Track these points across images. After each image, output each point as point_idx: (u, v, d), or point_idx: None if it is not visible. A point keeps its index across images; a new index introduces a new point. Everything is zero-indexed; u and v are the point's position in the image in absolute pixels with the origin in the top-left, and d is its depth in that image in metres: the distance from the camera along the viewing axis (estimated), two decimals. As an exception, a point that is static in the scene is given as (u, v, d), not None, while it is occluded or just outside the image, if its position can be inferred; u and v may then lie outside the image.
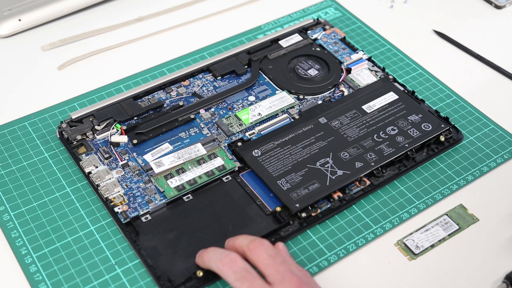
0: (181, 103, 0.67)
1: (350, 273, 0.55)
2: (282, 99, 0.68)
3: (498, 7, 0.83)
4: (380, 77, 0.70)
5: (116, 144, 0.63)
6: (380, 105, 0.67)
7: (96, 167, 0.61)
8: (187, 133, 0.64)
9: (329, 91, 0.69)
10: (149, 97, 0.68)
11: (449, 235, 0.58)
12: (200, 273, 0.53)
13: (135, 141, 0.63)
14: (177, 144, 0.63)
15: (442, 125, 0.64)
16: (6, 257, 0.55)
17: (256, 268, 0.50)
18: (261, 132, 0.65)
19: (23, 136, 0.65)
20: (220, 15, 0.82)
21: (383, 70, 0.71)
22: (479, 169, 0.63)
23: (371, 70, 0.71)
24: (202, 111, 0.66)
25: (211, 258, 0.51)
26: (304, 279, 0.49)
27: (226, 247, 0.53)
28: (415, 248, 0.57)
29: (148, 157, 0.62)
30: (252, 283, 0.48)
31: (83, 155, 0.62)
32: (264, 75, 0.71)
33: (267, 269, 0.49)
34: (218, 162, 0.61)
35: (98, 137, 0.64)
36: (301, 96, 0.68)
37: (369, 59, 0.72)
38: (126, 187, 0.59)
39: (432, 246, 0.57)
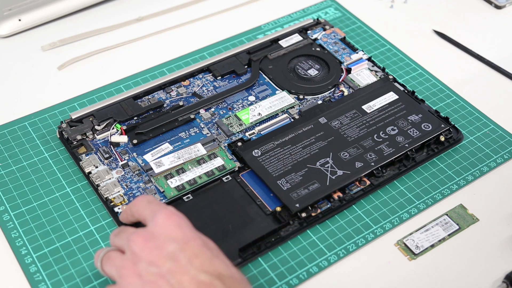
0: (181, 103, 0.67)
1: (350, 273, 0.55)
2: (282, 99, 0.68)
3: (498, 7, 0.83)
4: (380, 77, 0.70)
5: (116, 144, 0.63)
6: (380, 105, 0.67)
7: (96, 167, 0.61)
8: (187, 133, 0.64)
9: (329, 91, 0.69)
10: (149, 97, 0.68)
11: (449, 235, 0.58)
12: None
13: (135, 141, 0.63)
14: (177, 144, 0.63)
15: (442, 125, 0.64)
16: (6, 257, 0.55)
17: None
18: (261, 132, 0.65)
19: (23, 136, 0.65)
20: (220, 15, 0.82)
21: (383, 70, 0.71)
22: (479, 169, 0.63)
23: (371, 70, 0.71)
24: (202, 111, 0.66)
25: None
26: (179, 214, 0.49)
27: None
28: (415, 248, 0.57)
29: (148, 157, 0.62)
30: (124, 231, 0.49)
31: (83, 155, 0.62)
32: (264, 75, 0.71)
33: (140, 210, 0.50)
34: (218, 162, 0.61)
35: (98, 137, 0.64)
36: (301, 96, 0.68)
37: (369, 59, 0.72)
38: (126, 187, 0.59)
39: (432, 246, 0.57)
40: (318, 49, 0.74)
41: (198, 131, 0.65)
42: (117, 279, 0.48)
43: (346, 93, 0.69)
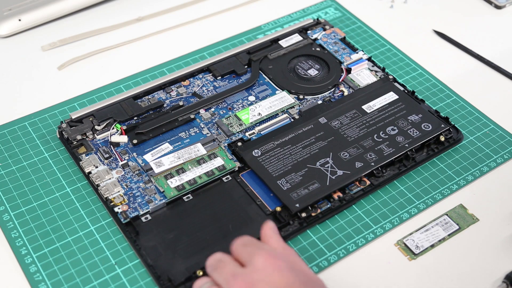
0: (181, 103, 0.67)
1: (350, 273, 0.55)
2: (282, 99, 0.68)
3: (498, 7, 0.83)
4: (380, 77, 0.70)
5: (116, 144, 0.63)
6: (380, 105, 0.67)
7: (96, 167, 0.61)
8: (187, 133, 0.64)
9: (329, 91, 0.69)
10: (149, 97, 0.68)
11: (449, 235, 0.58)
12: (200, 273, 0.53)
13: (135, 141, 0.63)
14: (177, 144, 0.63)
15: (442, 125, 0.64)
16: (6, 257, 0.55)
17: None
18: (261, 132, 0.65)
19: (23, 136, 0.65)
20: (220, 15, 0.82)
21: (383, 70, 0.71)
22: (479, 169, 0.63)
23: (371, 70, 0.71)
24: (202, 111, 0.66)
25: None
26: (277, 254, 0.48)
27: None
28: (415, 248, 0.57)
29: (148, 157, 0.62)
30: (223, 268, 0.48)
31: (83, 155, 0.62)
32: (264, 75, 0.71)
33: (238, 254, 0.49)
34: (218, 162, 0.61)
35: (98, 137, 0.64)
36: (301, 96, 0.68)
37: (369, 59, 0.72)
38: (126, 187, 0.59)
39: (432, 246, 0.57)
40: (318, 49, 0.74)
41: (198, 131, 0.65)
42: None
43: (346, 93, 0.69)
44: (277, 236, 0.50)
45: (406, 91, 0.68)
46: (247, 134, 0.64)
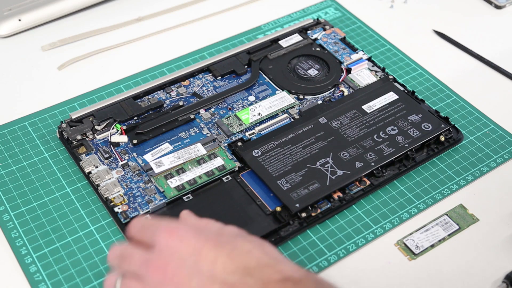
0: (181, 103, 0.67)
1: (350, 273, 0.55)
2: (282, 99, 0.68)
3: (498, 7, 0.83)
4: (380, 77, 0.70)
5: (116, 144, 0.63)
6: (380, 105, 0.67)
7: (96, 167, 0.61)
8: (187, 133, 0.64)
9: (329, 91, 0.69)
10: (149, 97, 0.68)
11: (449, 235, 0.58)
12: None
13: (135, 141, 0.63)
14: (177, 144, 0.63)
15: (442, 125, 0.64)
16: (6, 257, 0.55)
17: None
18: (261, 132, 0.65)
19: (23, 136, 0.65)
20: (220, 15, 0.82)
21: (383, 70, 0.71)
22: (479, 169, 0.63)
23: (371, 70, 0.71)
24: (202, 111, 0.66)
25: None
26: (177, 224, 0.47)
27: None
28: (415, 248, 0.57)
29: (148, 157, 0.62)
30: (130, 259, 0.46)
31: (83, 155, 0.62)
32: (264, 75, 0.71)
33: (139, 238, 0.48)
34: (218, 162, 0.61)
35: (98, 137, 0.64)
36: (301, 96, 0.68)
37: (369, 59, 0.72)
38: (126, 187, 0.59)
39: (432, 246, 0.57)
40: (318, 49, 0.74)
41: (198, 131, 0.65)
42: None
43: (346, 93, 0.69)
44: (192, 216, 0.49)
45: (406, 91, 0.68)
46: (247, 134, 0.64)
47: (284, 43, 0.74)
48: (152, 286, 0.44)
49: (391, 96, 0.68)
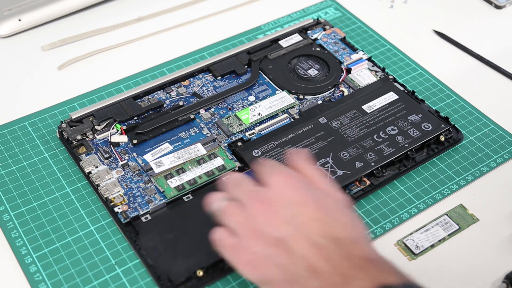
0: (181, 103, 0.67)
1: (350, 273, 0.55)
2: (282, 99, 0.68)
3: (498, 7, 0.83)
4: (380, 77, 0.70)
5: (116, 144, 0.63)
6: (380, 105, 0.67)
7: (96, 167, 0.61)
8: (187, 133, 0.64)
9: (329, 91, 0.69)
10: (149, 97, 0.68)
11: (449, 235, 0.58)
12: (200, 273, 0.53)
13: (135, 141, 0.63)
14: (177, 144, 0.63)
15: (442, 125, 0.64)
16: (6, 257, 0.55)
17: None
18: (261, 132, 0.65)
19: (23, 136, 0.65)
20: (220, 15, 0.82)
21: (383, 70, 0.71)
22: (479, 169, 0.63)
23: (371, 70, 0.71)
24: (202, 111, 0.66)
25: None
26: (294, 174, 0.50)
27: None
28: (415, 248, 0.57)
29: (148, 157, 0.62)
30: (241, 185, 0.50)
31: (83, 155, 0.62)
32: (264, 75, 0.71)
33: (257, 173, 0.51)
34: (218, 162, 0.61)
35: (98, 137, 0.64)
36: (301, 96, 0.68)
37: (369, 59, 0.72)
38: (126, 187, 0.59)
39: (432, 246, 0.57)
40: (318, 49, 0.74)
41: (198, 131, 0.65)
42: (237, 232, 0.48)
43: (346, 93, 0.69)
44: (303, 161, 0.52)
45: (406, 91, 0.68)
46: (247, 134, 0.64)
47: (284, 43, 0.74)
48: (249, 215, 0.48)
49: (391, 96, 0.68)
